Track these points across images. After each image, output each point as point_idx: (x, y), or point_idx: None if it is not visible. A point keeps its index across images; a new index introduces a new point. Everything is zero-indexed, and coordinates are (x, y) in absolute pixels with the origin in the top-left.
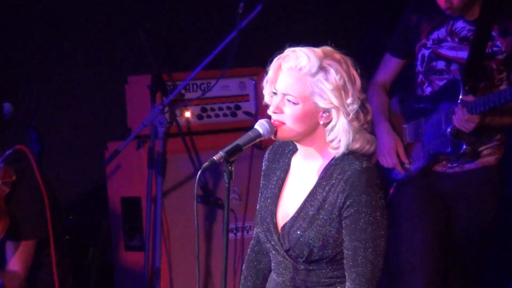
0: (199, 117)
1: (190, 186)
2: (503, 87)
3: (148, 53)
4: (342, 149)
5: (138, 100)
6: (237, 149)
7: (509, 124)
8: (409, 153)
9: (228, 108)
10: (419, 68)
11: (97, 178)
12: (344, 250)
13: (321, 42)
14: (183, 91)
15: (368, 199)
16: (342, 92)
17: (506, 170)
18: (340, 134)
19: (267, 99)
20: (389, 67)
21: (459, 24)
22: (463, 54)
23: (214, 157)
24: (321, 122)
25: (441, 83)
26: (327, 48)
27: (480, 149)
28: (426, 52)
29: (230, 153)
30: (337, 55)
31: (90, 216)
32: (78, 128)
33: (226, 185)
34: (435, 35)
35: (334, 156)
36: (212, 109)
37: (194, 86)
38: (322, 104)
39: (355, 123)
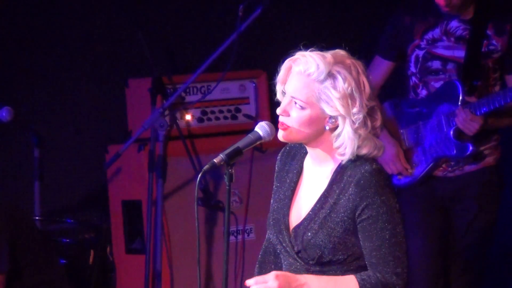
0: (200, 120)
1: (191, 189)
2: (497, 87)
3: (148, 56)
4: (347, 156)
5: (139, 103)
6: (238, 151)
7: (508, 125)
8: (409, 158)
9: (229, 111)
10: (412, 69)
11: (98, 181)
12: (365, 254)
13: (319, 45)
14: (183, 94)
15: (382, 199)
16: (349, 100)
17: (506, 171)
18: (346, 141)
19: (279, 96)
20: (380, 71)
21: (454, 24)
22: (459, 53)
23: (215, 160)
24: (327, 128)
25: (436, 84)
26: (339, 53)
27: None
28: (420, 53)
29: (230, 156)
30: (348, 61)
31: (91, 219)
32: (78, 132)
33: (227, 187)
34: (429, 35)
35: (342, 160)
36: (213, 112)
37: (195, 89)
38: (329, 111)
39: (362, 131)
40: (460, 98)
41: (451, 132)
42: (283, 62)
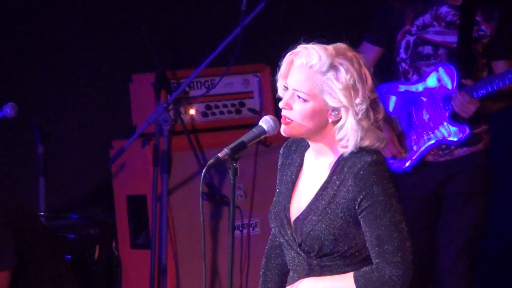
0: (204, 114)
1: (196, 183)
2: (484, 73)
3: (152, 51)
4: (350, 148)
5: (143, 98)
6: (242, 146)
7: (500, 109)
8: (402, 143)
9: (233, 105)
10: (402, 55)
11: (103, 176)
12: (368, 244)
13: (320, 39)
14: (187, 89)
15: (380, 189)
16: (352, 91)
17: (506, 162)
18: (349, 133)
19: (280, 92)
20: (368, 57)
21: (444, 9)
22: (450, 39)
23: (219, 154)
24: (330, 120)
25: (427, 69)
26: (341, 46)
27: None
28: (411, 39)
29: (235, 150)
30: (350, 53)
31: (95, 214)
32: (82, 127)
33: (232, 182)
34: (420, 21)
35: (344, 152)
36: (217, 107)
37: (198, 84)
38: (332, 102)
39: (364, 122)
40: (456, 81)
41: (447, 115)
42: (284, 56)
